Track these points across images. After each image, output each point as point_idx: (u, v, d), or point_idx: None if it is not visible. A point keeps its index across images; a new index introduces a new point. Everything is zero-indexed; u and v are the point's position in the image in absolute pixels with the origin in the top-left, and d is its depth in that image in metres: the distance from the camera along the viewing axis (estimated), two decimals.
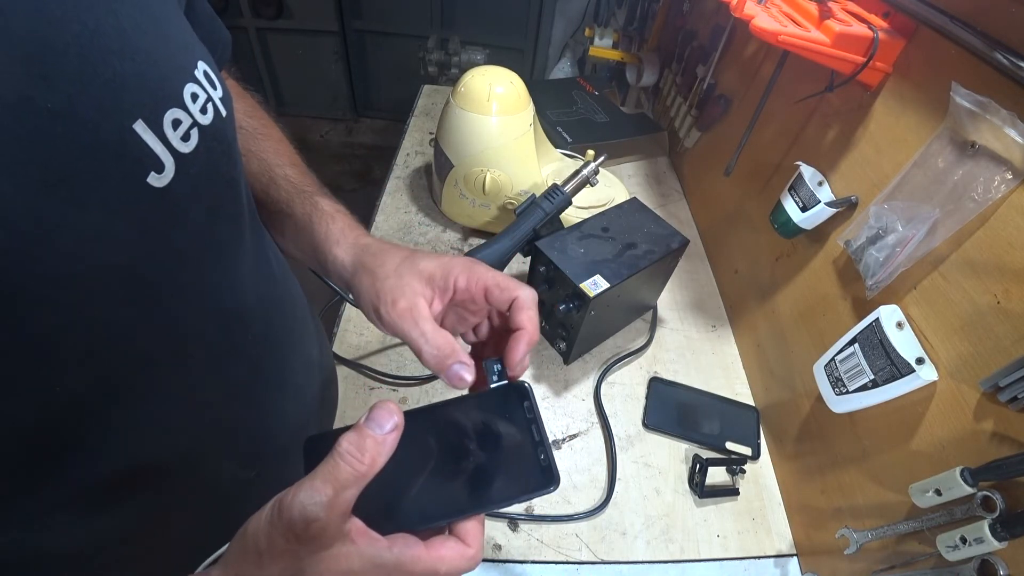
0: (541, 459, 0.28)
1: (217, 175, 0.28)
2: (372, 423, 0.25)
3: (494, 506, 0.28)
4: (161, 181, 0.23)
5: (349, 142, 2.74)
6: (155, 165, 0.23)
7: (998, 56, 0.40)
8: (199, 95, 0.25)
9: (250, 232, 0.35)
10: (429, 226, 0.90)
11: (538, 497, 0.29)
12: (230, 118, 0.29)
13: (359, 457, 0.24)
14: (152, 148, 0.22)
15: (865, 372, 0.47)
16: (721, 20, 0.90)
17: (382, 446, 0.25)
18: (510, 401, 0.30)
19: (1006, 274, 0.39)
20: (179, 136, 0.24)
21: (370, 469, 0.24)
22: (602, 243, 0.66)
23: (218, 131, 0.27)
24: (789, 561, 0.59)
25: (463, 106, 0.77)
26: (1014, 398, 0.36)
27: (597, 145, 0.87)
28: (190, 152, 0.24)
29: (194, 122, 0.25)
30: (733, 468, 0.64)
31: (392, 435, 0.25)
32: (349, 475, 0.23)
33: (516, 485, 0.28)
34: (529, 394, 0.30)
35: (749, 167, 0.79)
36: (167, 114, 0.23)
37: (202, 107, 0.25)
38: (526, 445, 0.29)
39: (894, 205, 0.47)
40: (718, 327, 0.82)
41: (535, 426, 0.29)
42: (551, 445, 0.28)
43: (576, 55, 1.96)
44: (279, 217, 0.41)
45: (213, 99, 0.26)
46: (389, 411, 0.25)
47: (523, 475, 0.28)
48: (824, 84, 0.58)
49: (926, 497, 0.41)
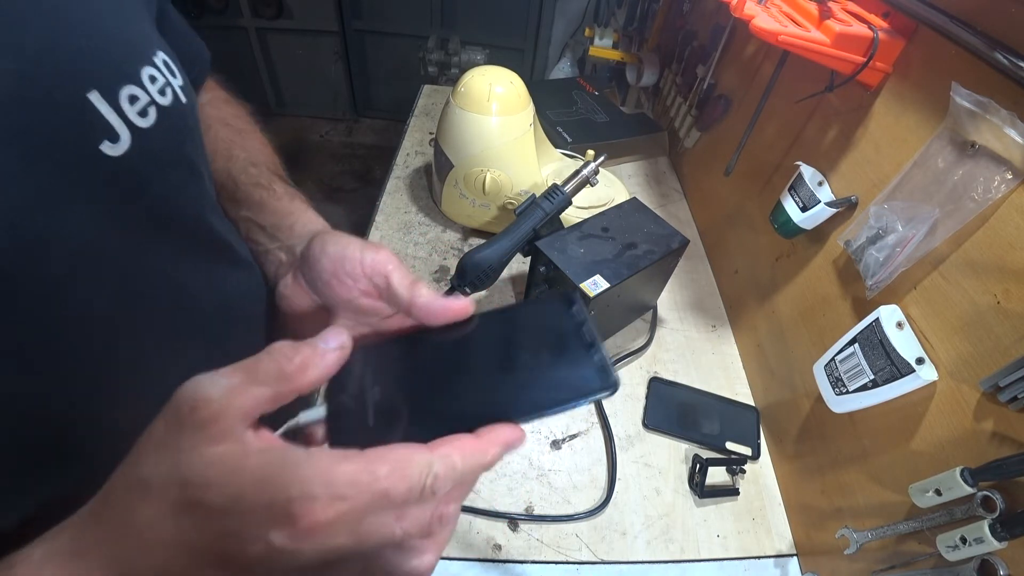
0: (596, 359, 0.25)
1: (180, 157, 0.29)
2: (318, 338, 0.23)
3: (542, 412, 0.24)
4: (115, 151, 0.24)
5: (349, 142, 2.74)
6: (108, 134, 0.24)
7: (998, 56, 0.40)
8: (157, 78, 0.26)
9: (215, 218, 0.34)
10: (429, 226, 0.90)
11: (593, 401, 0.25)
12: (191, 106, 0.30)
13: (289, 356, 0.21)
14: (106, 117, 0.23)
15: (865, 372, 0.47)
16: (721, 20, 0.90)
17: (319, 357, 0.22)
18: (554, 309, 0.27)
19: (1006, 274, 0.39)
20: (136, 111, 0.25)
21: (297, 373, 0.21)
22: (602, 243, 0.66)
23: (178, 114, 0.28)
24: (789, 561, 0.59)
25: (463, 106, 0.77)
26: (1014, 398, 0.36)
27: (597, 145, 0.88)
28: (148, 128, 0.25)
29: (152, 101, 0.26)
30: (733, 468, 0.64)
31: (334, 353, 0.23)
32: (270, 369, 0.20)
33: (568, 389, 0.24)
34: (576, 299, 0.27)
35: (749, 167, 0.79)
36: (123, 89, 0.24)
37: (160, 89, 0.26)
38: (577, 348, 0.25)
39: (894, 205, 0.47)
40: (718, 327, 0.82)
41: (585, 328, 0.26)
42: (606, 350, 0.25)
43: (576, 55, 1.96)
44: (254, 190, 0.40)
45: (172, 85, 0.27)
46: (337, 332, 0.24)
47: (576, 379, 0.24)
48: (824, 84, 0.58)
49: (926, 497, 0.41)
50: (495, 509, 0.57)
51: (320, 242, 0.30)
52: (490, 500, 0.58)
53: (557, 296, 0.27)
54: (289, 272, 0.34)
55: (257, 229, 0.38)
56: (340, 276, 0.29)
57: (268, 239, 0.37)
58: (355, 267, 0.29)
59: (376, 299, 0.29)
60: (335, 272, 0.29)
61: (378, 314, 0.30)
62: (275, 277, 0.36)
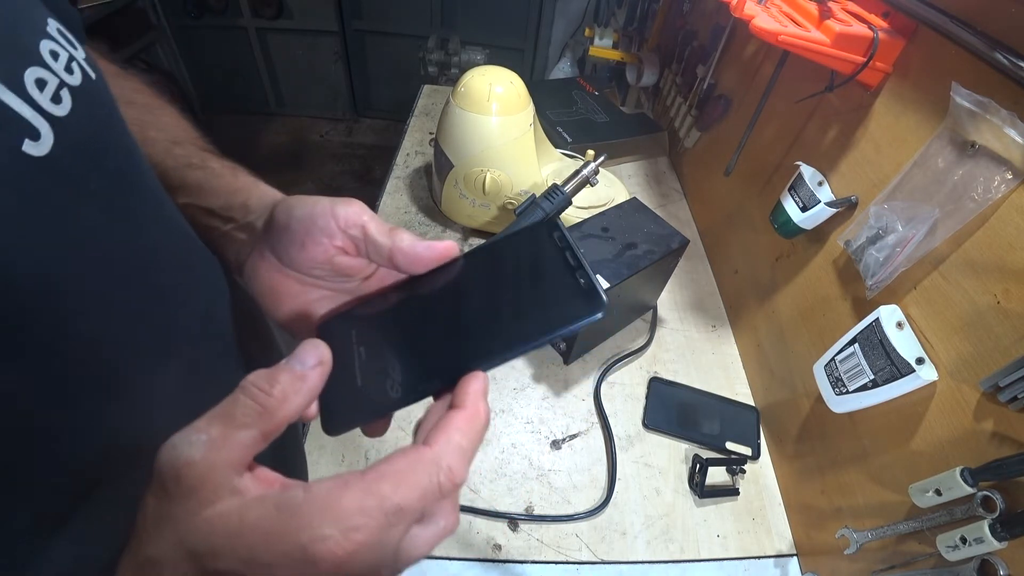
0: (581, 283, 0.23)
1: (110, 142, 0.25)
2: (294, 360, 0.21)
3: (528, 344, 0.23)
4: (40, 149, 0.19)
5: (349, 142, 2.74)
6: (28, 131, 0.19)
7: (998, 56, 0.40)
8: (59, 53, 0.22)
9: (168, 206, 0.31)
10: (429, 226, 0.90)
11: (582, 326, 0.23)
12: (101, 81, 0.25)
13: (266, 390, 0.19)
14: (19, 112, 0.19)
15: (865, 372, 0.47)
16: (721, 20, 0.90)
17: (301, 382, 0.20)
18: (536, 238, 0.26)
19: (1006, 274, 0.39)
20: (48, 98, 0.20)
21: (279, 406, 0.20)
22: (602, 243, 0.66)
23: (94, 92, 0.23)
24: (789, 561, 0.59)
25: (463, 106, 0.77)
26: (1014, 398, 0.36)
27: (597, 145, 0.88)
28: (67, 115, 0.21)
29: (62, 82, 0.21)
30: (733, 468, 0.64)
31: (316, 371, 0.21)
32: (249, 410, 0.19)
33: (553, 317, 0.23)
34: (558, 225, 0.25)
35: (749, 167, 0.79)
36: (27, 72, 0.19)
37: (66, 66, 0.22)
38: (561, 273, 0.24)
39: (894, 205, 0.47)
40: (718, 327, 0.82)
41: (569, 252, 0.24)
42: (592, 271, 0.23)
43: (576, 55, 1.96)
44: (187, 172, 0.36)
45: (76, 59, 0.23)
46: (314, 346, 0.22)
47: (560, 305, 0.23)
48: (824, 84, 0.58)
49: (926, 497, 0.41)
50: (495, 509, 0.57)
51: (285, 208, 0.28)
52: (490, 500, 0.58)
53: (540, 225, 0.26)
54: (253, 251, 0.31)
55: (204, 214, 0.33)
56: (314, 236, 0.27)
57: (221, 221, 0.33)
58: (328, 223, 0.27)
59: (355, 256, 0.27)
60: (307, 234, 0.27)
61: (358, 274, 0.28)
62: (237, 260, 0.32)
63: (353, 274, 0.28)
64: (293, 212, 0.28)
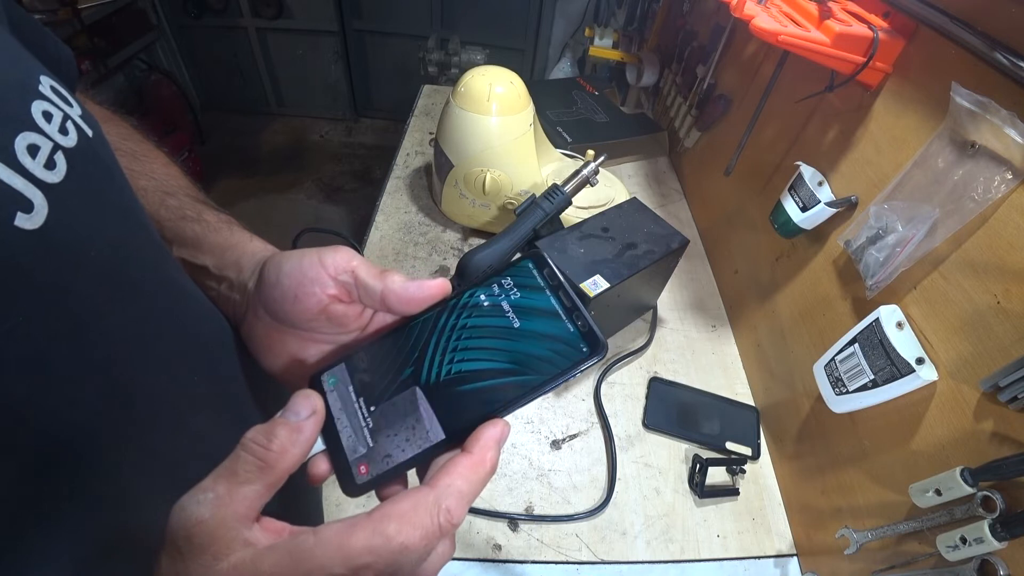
0: (579, 325, 0.23)
1: (108, 204, 0.23)
2: (288, 412, 0.22)
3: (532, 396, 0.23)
4: (34, 221, 0.18)
5: (349, 142, 2.74)
6: (20, 203, 0.18)
7: (998, 56, 0.40)
8: (53, 113, 0.20)
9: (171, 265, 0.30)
10: (429, 226, 0.90)
11: (582, 370, 0.23)
12: (99, 138, 0.24)
13: (265, 444, 0.20)
14: (10, 183, 0.18)
15: (865, 372, 0.47)
16: (721, 20, 0.90)
17: (297, 433, 0.21)
18: (527, 276, 0.25)
19: (1006, 274, 0.39)
20: (41, 164, 0.19)
21: (280, 459, 0.21)
22: (602, 243, 0.66)
23: (90, 152, 0.22)
24: (789, 561, 0.59)
25: (463, 106, 0.77)
26: (1014, 398, 0.36)
27: (597, 145, 0.88)
28: (61, 181, 0.20)
29: (56, 145, 0.20)
30: (733, 468, 0.64)
31: (310, 421, 0.22)
32: (251, 466, 0.20)
33: (556, 364, 0.23)
34: (545, 260, 0.25)
35: (749, 167, 0.79)
36: (18, 139, 0.18)
37: (60, 127, 0.20)
38: (558, 317, 0.24)
39: (894, 205, 0.47)
40: (718, 327, 0.82)
41: (563, 292, 0.24)
42: (587, 310, 0.24)
43: (576, 55, 1.95)
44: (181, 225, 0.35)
45: (72, 117, 0.21)
46: (306, 396, 0.23)
47: (561, 351, 0.23)
48: (824, 84, 0.58)
49: (926, 497, 0.41)
50: (495, 509, 0.57)
51: (273, 265, 0.28)
52: (490, 500, 0.58)
53: (529, 258, 0.26)
54: (248, 311, 0.31)
55: (198, 271, 0.33)
56: (305, 287, 0.27)
57: (215, 282, 0.33)
58: (318, 272, 0.27)
59: (348, 302, 0.28)
60: (299, 286, 0.27)
61: (354, 323, 0.28)
62: (235, 319, 0.32)
63: (349, 323, 0.28)
64: (282, 267, 0.28)
